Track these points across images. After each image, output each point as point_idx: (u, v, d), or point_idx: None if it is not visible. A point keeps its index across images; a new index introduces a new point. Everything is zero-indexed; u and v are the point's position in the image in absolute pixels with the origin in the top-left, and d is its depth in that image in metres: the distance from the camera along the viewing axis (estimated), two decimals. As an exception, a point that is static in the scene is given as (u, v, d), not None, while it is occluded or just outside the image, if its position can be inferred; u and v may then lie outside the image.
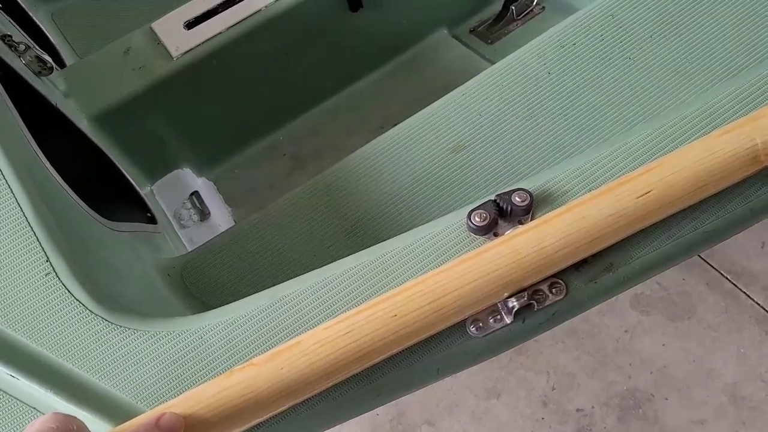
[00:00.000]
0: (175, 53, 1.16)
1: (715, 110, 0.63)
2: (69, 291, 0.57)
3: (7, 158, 0.64)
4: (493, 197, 0.58)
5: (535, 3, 1.48)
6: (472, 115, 0.91)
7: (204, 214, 1.22)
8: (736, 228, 0.60)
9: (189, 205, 1.23)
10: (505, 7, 1.48)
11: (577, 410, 1.25)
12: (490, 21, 1.49)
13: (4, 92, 0.77)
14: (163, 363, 0.55)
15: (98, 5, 1.47)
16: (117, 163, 1.12)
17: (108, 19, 1.44)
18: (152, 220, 1.09)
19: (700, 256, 1.39)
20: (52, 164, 0.75)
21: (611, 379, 1.27)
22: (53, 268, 0.58)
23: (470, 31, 1.49)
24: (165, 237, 1.06)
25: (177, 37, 1.18)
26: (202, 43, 1.17)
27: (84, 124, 1.09)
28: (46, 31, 1.36)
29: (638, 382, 1.26)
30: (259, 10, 1.20)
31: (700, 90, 0.83)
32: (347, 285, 0.57)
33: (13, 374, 0.54)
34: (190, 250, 1.03)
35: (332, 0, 1.26)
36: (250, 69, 1.24)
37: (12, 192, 0.62)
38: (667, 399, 1.23)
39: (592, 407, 1.25)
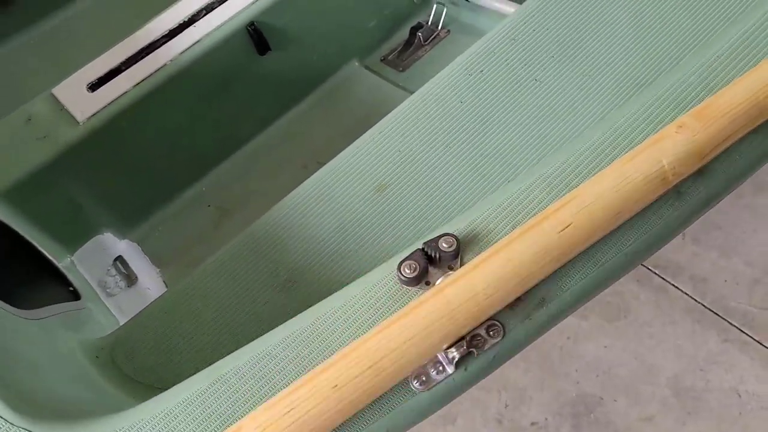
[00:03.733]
0: (80, 118, 1.13)
1: (622, 132, 0.65)
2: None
3: None
4: (420, 246, 0.58)
5: (440, 27, 1.51)
6: (391, 153, 0.91)
7: (131, 279, 1.18)
8: (658, 244, 0.62)
9: (114, 271, 1.18)
10: (412, 33, 1.50)
11: (532, 424, 1.27)
12: (399, 48, 1.51)
13: None
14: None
15: (-7, 72, 1.40)
16: (30, 239, 1.06)
17: (4, 85, 1.37)
18: (75, 295, 1.04)
19: (628, 255, 1.44)
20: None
21: (560, 387, 1.30)
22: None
23: (381, 60, 1.50)
24: (90, 312, 1.01)
25: (81, 100, 1.14)
26: (109, 104, 1.14)
27: (-10, 204, 1.04)
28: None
29: (586, 387, 1.29)
30: (165, 64, 1.18)
31: (607, 107, 0.86)
32: (284, 356, 0.55)
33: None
34: (119, 319, 0.99)
35: (238, 47, 1.25)
36: (162, 124, 1.21)
37: None
38: (615, 400, 1.26)
39: (546, 419, 1.27)
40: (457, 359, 0.54)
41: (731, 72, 0.67)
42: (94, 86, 1.16)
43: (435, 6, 1.51)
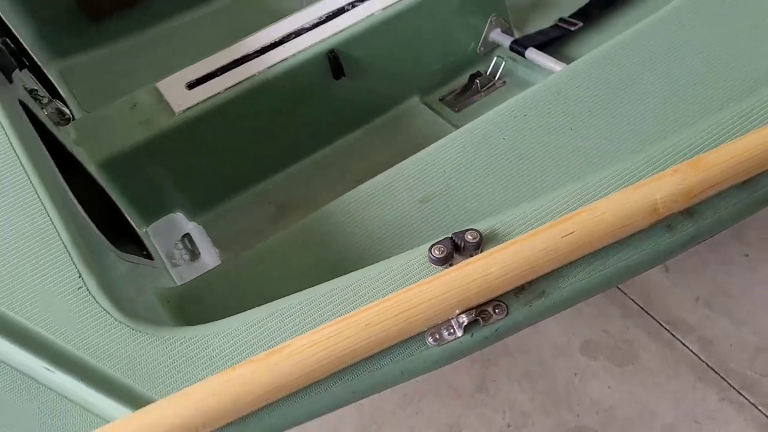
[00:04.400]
0: (176, 110, 1.31)
1: (632, 171, 0.78)
2: (97, 301, 0.69)
3: (46, 191, 0.76)
4: (450, 235, 0.72)
5: (497, 78, 1.67)
6: (437, 172, 1.06)
7: (194, 254, 1.34)
8: (647, 265, 0.74)
9: (180, 246, 1.35)
10: (471, 80, 1.66)
11: (531, 445, 1.37)
12: (458, 92, 1.67)
13: (38, 136, 0.90)
14: (174, 362, 0.66)
15: (104, 64, 1.62)
16: (119, 205, 1.24)
17: (112, 78, 1.58)
18: (149, 257, 1.20)
19: (642, 308, 1.54)
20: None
21: (562, 417, 1.39)
22: (84, 283, 0.70)
23: (440, 100, 1.66)
24: (160, 272, 1.17)
25: (179, 95, 1.33)
26: (201, 101, 1.32)
27: (92, 169, 1.22)
28: (56, 85, 1.50)
29: (586, 421, 1.38)
30: (254, 74, 1.36)
31: (625, 153, 0.99)
32: (329, 302, 0.69)
33: (48, 367, 0.65)
34: (181, 285, 1.14)
35: (318, 68, 1.42)
36: (242, 125, 1.38)
37: (51, 221, 0.74)
38: (611, 436, 1.35)
39: (544, 443, 1.36)
40: (465, 324, 0.67)
41: (730, 135, 0.80)
42: (191, 85, 1.35)
43: (495, 59, 1.67)
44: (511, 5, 1.71)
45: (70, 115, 1.18)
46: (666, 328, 1.49)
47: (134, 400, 0.64)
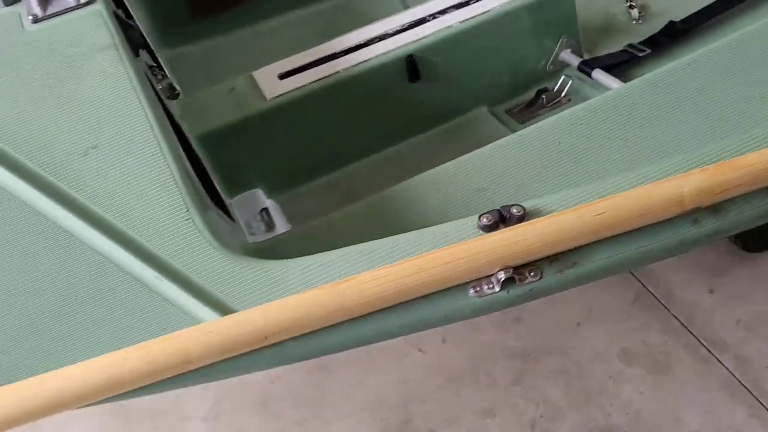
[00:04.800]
0: (268, 96, 1.47)
1: (667, 170, 0.88)
2: (199, 231, 0.84)
3: (166, 143, 0.93)
4: (498, 208, 0.84)
5: (563, 95, 1.77)
6: (497, 166, 1.17)
7: (270, 227, 1.49)
8: (669, 252, 0.84)
9: (259, 218, 1.50)
10: (537, 95, 1.77)
11: (560, 437, 1.45)
12: (524, 105, 1.78)
13: (159, 101, 1.07)
14: (257, 285, 0.80)
15: (207, 56, 1.81)
16: (211, 176, 1.41)
17: (213, 68, 1.77)
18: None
19: (683, 324, 1.60)
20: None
21: (592, 415, 1.47)
22: (191, 217, 0.86)
23: (506, 111, 1.78)
24: (240, 234, 1.33)
25: (272, 84, 1.49)
26: (291, 91, 1.48)
27: (192, 140, 1.39)
28: (165, 70, 1.70)
29: (616, 420, 1.46)
30: (339, 71, 1.52)
31: (664, 157, 1.08)
32: (390, 251, 0.82)
33: (158, 276, 0.80)
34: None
35: (396, 70, 1.56)
36: (323, 117, 1.54)
37: (169, 167, 0.90)
38: (638, 437, 1.42)
39: (573, 436, 1.45)
40: (503, 280, 0.79)
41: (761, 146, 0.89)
42: (283, 76, 1.51)
43: (563, 77, 1.78)
44: (582, 28, 1.81)
45: (179, 91, 1.36)
46: (703, 345, 1.55)
47: (222, 309, 0.78)
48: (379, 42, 1.57)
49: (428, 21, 1.61)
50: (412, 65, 1.56)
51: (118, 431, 1.57)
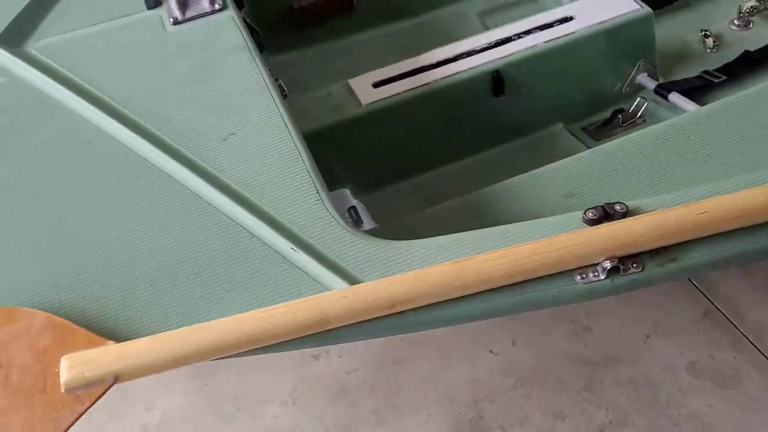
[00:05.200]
0: (363, 102, 1.58)
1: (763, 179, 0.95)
2: (328, 211, 0.94)
3: (297, 135, 1.04)
4: (602, 204, 0.92)
5: (638, 116, 1.83)
6: (583, 174, 1.24)
7: (358, 223, 1.59)
8: (763, 255, 0.90)
9: (347, 215, 1.60)
10: (613, 115, 1.84)
11: (628, 443, 1.49)
12: (600, 123, 1.84)
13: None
14: (381, 260, 0.89)
15: (306, 63, 1.94)
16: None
17: (312, 74, 1.89)
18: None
19: (753, 344, 1.63)
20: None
21: (661, 423, 1.51)
22: (321, 199, 0.95)
23: (582, 129, 1.85)
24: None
25: (367, 91, 1.60)
26: (385, 98, 1.58)
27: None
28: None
29: (685, 430, 1.49)
30: (429, 82, 1.61)
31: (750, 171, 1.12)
32: (501, 238, 0.90)
33: (293, 248, 0.90)
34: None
35: (482, 84, 1.65)
36: (413, 124, 1.63)
37: (299, 154, 1.01)
38: (706, 447, 1.46)
39: (641, 442, 1.49)
40: (608, 269, 0.86)
41: None
42: (377, 84, 1.62)
43: (639, 99, 1.84)
44: (659, 54, 1.87)
45: (287, 92, 1.47)
46: (774, 365, 1.58)
47: (351, 280, 0.87)
48: (467, 57, 1.66)
49: (514, 40, 1.70)
50: (497, 80, 1.65)
51: (202, 408, 1.67)
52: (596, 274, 0.87)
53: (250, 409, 1.66)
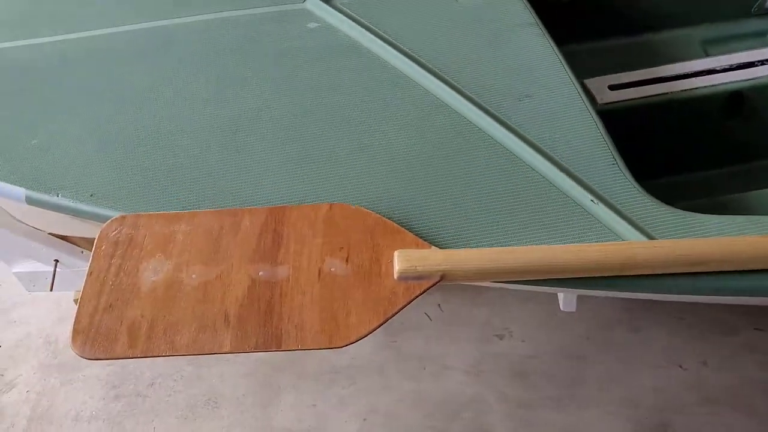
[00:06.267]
0: (600, 101, 1.65)
1: None
2: (624, 175, 1.01)
3: (591, 105, 1.11)
4: None
5: None
6: None
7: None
8: None
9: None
10: None
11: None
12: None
13: None
14: (678, 227, 0.95)
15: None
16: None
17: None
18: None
19: None
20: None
21: None
22: (617, 163, 1.03)
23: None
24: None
25: (603, 92, 1.67)
26: (621, 101, 1.64)
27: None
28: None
29: None
30: (666, 92, 1.66)
31: None
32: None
33: (593, 200, 0.98)
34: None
35: (718, 103, 1.68)
36: (642, 129, 1.68)
37: (594, 122, 1.08)
38: None
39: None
40: None
41: None
42: (612, 87, 1.68)
43: None
44: None
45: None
46: None
47: (649, 237, 0.94)
48: (707, 75, 1.69)
49: (756, 65, 1.72)
50: (737, 101, 1.67)
51: (388, 361, 1.78)
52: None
53: (434, 371, 1.75)
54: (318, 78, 1.24)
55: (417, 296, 0.88)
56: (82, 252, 1.52)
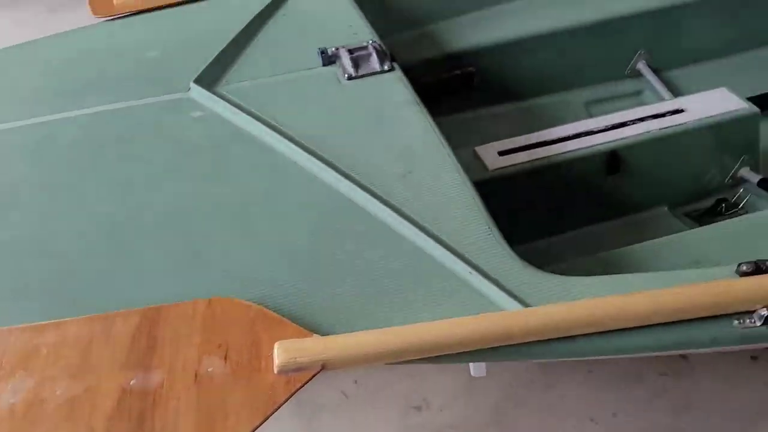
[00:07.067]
0: (490, 168, 1.71)
1: None
2: (500, 244, 1.05)
3: (467, 177, 1.16)
4: (755, 260, 1.00)
5: (740, 207, 1.92)
6: (703, 246, 1.33)
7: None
8: None
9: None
10: (716, 203, 1.93)
11: None
12: (703, 211, 1.93)
13: None
14: (551, 292, 0.98)
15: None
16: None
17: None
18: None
19: None
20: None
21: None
22: (492, 233, 1.07)
23: (684, 214, 1.94)
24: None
25: (493, 158, 1.74)
26: (510, 165, 1.72)
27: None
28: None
29: None
30: (548, 156, 1.75)
31: None
32: (663, 280, 0.99)
33: (470, 271, 1.01)
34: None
35: (598, 161, 1.78)
36: (532, 191, 1.75)
37: (471, 194, 1.13)
38: None
39: None
40: (765, 317, 0.93)
41: None
42: (502, 153, 1.76)
43: (742, 190, 1.93)
44: (763, 151, 1.98)
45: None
46: None
47: (524, 304, 0.97)
48: (585, 136, 1.80)
49: (628, 125, 1.84)
50: (613, 159, 1.77)
51: None
52: (752, 320, 0.94)
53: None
54: (202, 168, 1.24)
55: (298, 389, 0.87)
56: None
